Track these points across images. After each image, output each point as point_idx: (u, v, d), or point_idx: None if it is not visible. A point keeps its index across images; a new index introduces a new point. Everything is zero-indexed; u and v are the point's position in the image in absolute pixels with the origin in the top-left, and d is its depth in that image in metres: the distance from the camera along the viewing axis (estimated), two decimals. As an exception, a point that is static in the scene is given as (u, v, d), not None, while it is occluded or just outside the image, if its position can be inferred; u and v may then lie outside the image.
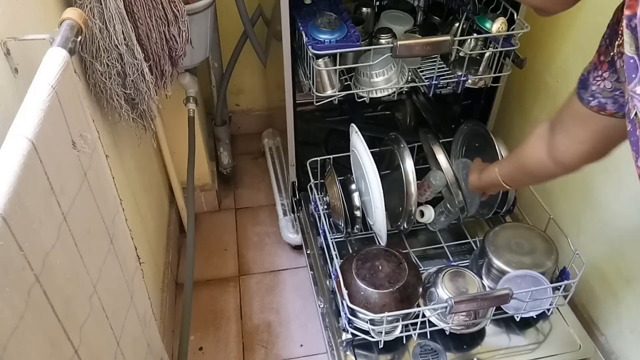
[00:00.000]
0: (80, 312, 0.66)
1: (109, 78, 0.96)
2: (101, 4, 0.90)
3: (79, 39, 0.71)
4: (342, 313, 1.16)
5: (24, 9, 0.76)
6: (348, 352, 1.17)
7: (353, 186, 1.36)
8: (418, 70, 1.34)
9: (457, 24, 1.40)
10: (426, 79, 1.31)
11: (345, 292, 1.12)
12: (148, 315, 0.99)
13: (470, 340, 1.20)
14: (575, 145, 0.84)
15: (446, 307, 1.06)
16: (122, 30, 0.93)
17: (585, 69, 0.75)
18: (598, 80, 0.72)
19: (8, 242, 0.49)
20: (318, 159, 1.47)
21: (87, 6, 0.89)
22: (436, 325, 1.16)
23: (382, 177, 1.22)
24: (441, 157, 1.31)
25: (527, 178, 1.05)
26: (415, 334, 1.15)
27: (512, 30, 1.25)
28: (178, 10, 1.04)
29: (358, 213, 1.34)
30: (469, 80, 1.33)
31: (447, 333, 1.17)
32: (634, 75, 0.50)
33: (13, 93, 0.68)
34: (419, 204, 1.38)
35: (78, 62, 0.94)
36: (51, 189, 0.59)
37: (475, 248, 1.33)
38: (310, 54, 1.20)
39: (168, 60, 1.08)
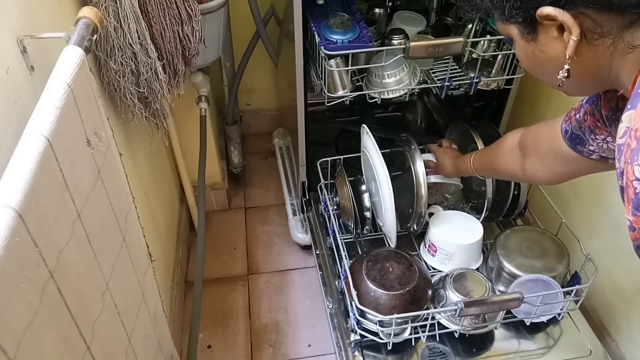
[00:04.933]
0: (93, 309, 0.67)
1: (123, 76, 0.96)
2: (116, 3, 0.91)
3: (94, 38, 0.72)
4: (350, 314, 1.16)
5: (40, 7, 0.77)
6: (356, 353, 1.17)
7: (363, 187, 1.36)
8: (430, 71, 1.34)
9: (470, 26, 1.39)
10: (438, 80, 1.30)
11: (354, 293, 1.12)
12: (159, 312, 0.99)
13: (479, 343, 1.19)
14: (552, 175, 0.90)
15: (456, 310, 1.06)
16: (137, 29, 0.94)
17: (569, 121, 0.79)
18: (599, 142, 0.74)
19: (24, 239, 0.49)
20: (328, 159, 1.47)
21: (102, 5, 0.90)
22: (445, 328, 1.15)
23: (393, 179, 1.21)
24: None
25: (499, 177, 1.19)
26: (424, 336, 1.15)
27: (526, 32, 1.24)
28: (192, 10, 1.04)
29: (368, 214, 1.34)
30: (482, 82, 1.32)
31: (456, 336, 1.17)
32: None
33: (29, 90, 0.69)
34: (429, 206, 1.37)
35: (92, 60, 0.95)
36: (66, 186, 0.60)
37: (485, 251, 1.33)
38: (323, 55, 1.20)
39: (181, 60, 1.09)
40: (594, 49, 0.56)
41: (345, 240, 1.37)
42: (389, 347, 1.15)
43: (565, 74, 0.58)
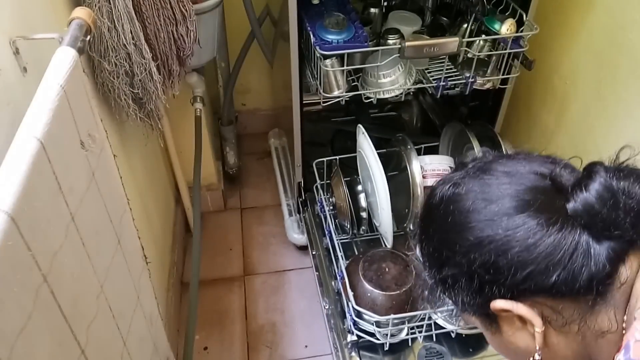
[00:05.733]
0: (88, 312, 0.66)
1: (117, 77, 0.96)
2: (110, 4, 0.90)
3: (87, 39, 0.71)
4: (347, 315, 1.16)
5: (33, 8, 0.76)
6: (353, 354, 1.17)
7: (359, 187, 1.36)
8: (426, 71, 1.33)
9: (465, 25, 1.39)
10: (434, 80, 1.30)
11: (351, 293, 1.12)
12: (154, 314, 0.99)
13: (476, 343, 1.19)
14: None
15: (452, 310, 1.06)
16: (131, 30, 0.93)
17: None
18: None
19: (16, 242, 0.49)
20: (324, 159, 1.47)
21: (95, 5, 0.89)
22: (442, 328, 1.15)
23: (389, 179, 1.21)
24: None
25: None
26: (420, 337, 1.15)
27: (521, 31, 1.24)
28: (186, 10, 1.04)
29: (364, 214, 1.34)
30: (477, 82, 1.32)
31: (453, 336, 1.17)
32: None
33: (22, 92, 0.68)
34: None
35: (86, 61, 0.94)
36: (59, 188, 0.59)
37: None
38: (318, 55, 1.19)
39: (176, 60, 1.08)
40: (565, 336, 0.51)
41: (341, 241, 1.37)
42: (386, 348, 1.15)
43: None
